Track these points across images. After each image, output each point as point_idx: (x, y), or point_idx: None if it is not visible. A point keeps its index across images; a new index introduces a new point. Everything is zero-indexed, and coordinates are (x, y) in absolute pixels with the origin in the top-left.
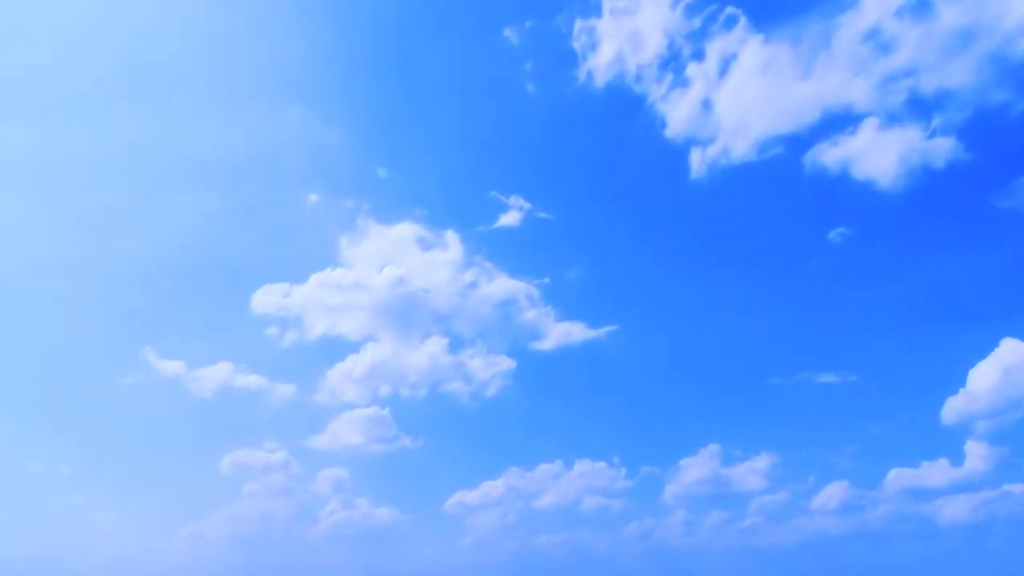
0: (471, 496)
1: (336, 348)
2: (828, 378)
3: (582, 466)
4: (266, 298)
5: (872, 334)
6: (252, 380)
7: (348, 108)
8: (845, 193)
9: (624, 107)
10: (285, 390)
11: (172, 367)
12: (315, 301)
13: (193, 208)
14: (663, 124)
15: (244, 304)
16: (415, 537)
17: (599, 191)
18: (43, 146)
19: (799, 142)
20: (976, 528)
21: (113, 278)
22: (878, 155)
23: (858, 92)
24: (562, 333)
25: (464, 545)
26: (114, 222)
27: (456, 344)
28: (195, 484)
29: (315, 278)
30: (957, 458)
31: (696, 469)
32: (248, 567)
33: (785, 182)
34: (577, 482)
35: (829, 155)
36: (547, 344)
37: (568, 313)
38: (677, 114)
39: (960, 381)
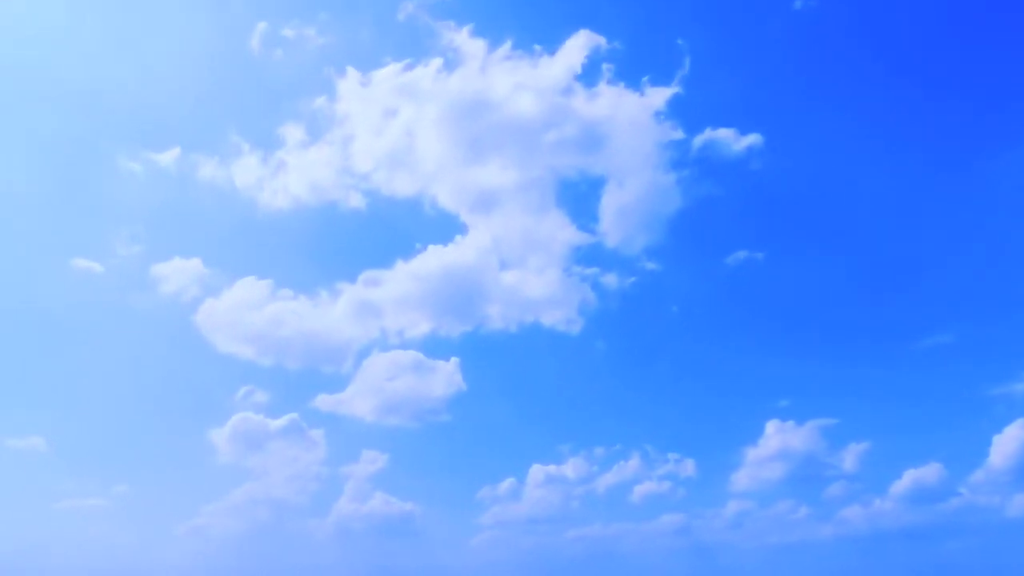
0: (509, 486)
1: (395, 220)
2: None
3: (648, 451)
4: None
5: None
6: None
7: None
8: None
9: None
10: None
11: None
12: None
13: None
14: None
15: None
16: (439, 530)
17: None
18: None
19: None
20: None
21: None
22: None
23: None
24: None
25: (478, 542)
26: None
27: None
28: (187, 462)
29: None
30: None
31: (781, 444)
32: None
33: None
34: (632, 470)
35: None
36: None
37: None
38: None
39: None
